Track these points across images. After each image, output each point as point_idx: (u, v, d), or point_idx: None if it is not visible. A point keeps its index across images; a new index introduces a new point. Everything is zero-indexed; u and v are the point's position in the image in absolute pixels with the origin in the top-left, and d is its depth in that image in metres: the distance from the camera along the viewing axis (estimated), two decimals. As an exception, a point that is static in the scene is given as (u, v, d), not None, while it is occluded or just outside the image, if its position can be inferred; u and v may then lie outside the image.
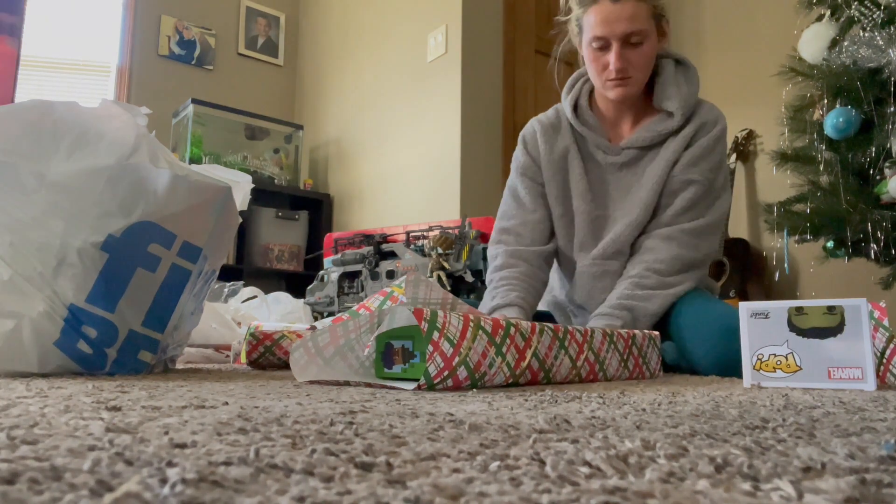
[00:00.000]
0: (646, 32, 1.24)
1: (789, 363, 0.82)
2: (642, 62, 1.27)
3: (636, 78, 1.28)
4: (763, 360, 0.83)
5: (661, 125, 1.32)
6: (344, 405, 0.53)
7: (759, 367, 0.83)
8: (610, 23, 1.23)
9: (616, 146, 1.35)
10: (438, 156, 2.70)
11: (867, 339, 0.77)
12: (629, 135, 1.36)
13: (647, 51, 1.26)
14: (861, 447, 0.35)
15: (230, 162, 3.17)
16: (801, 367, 0.81)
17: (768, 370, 0.83)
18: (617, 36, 1.23)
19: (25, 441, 0.32)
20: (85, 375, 0.83)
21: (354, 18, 3.36)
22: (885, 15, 1.70)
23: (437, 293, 0.93)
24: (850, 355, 0.78)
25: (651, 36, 1.26)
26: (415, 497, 0.23)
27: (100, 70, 3.30)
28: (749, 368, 0.84)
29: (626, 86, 1.28)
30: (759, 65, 2.67)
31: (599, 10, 1.24)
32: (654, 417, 0.48)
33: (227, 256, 1.54)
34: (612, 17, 1.22)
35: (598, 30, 1.24)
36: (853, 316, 0.78)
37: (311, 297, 2.20)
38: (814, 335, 0.80)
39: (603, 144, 1.36)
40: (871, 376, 0.77)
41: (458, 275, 1.92)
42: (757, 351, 0.84)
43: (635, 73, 1.27)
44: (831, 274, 2.32)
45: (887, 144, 1.67)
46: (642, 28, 1.23)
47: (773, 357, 0.83)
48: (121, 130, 0.88)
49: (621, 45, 1.24)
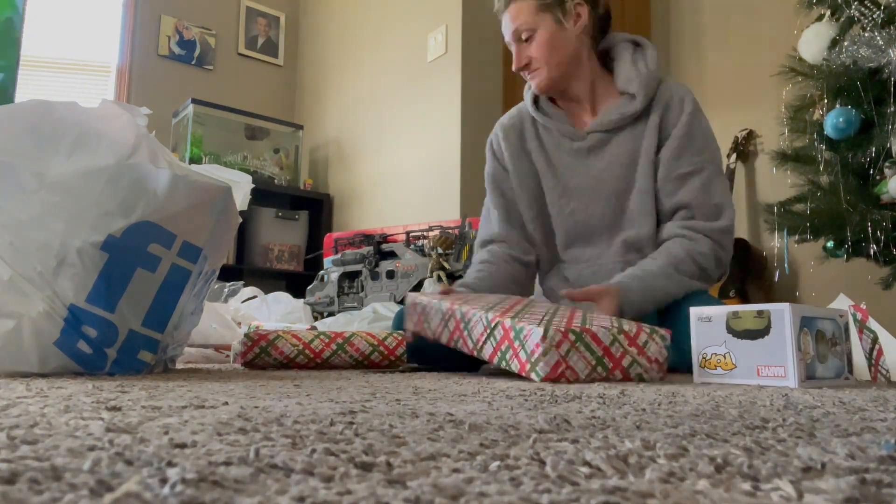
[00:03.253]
0: (532, 25, 1.31)
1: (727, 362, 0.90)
2: (540, 53, 1.32)
3: (545, 68, 1.33)
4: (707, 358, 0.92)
5: (625, 107, 1.33)
6: (344, 405, 0.53)
7: (703, 366, 0.92)
8: (504, 28, 1.35)
9: (581, 131, 1.37)
10: (438, 156, 2.70)
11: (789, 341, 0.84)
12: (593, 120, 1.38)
13: (540, 42, 1.31)
14: (861, 447, 0.35)
15: (230, 162, 3.17)
16: (736, 366, 0.89)
17: (711, 368, 0.92)
18: (510, 38, 1.34)
19: (25, 441, 0.32)
20: (85, 375, 0.83)
21: (354, 18, 3.36)
22: (885, 15, 1.70)
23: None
24: (775, 355, 0.85)
25: (541, 27, 1.31)
26: (415, 497, 0.23)
27: (100, 70, 3.30)
28: (697, 367, 0.93)
29: (538, 77, 1.34)
30: (759, 65, 2.67)
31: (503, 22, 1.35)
32: (654, 417, 0.48)
33: (227, 256, 1.54)
34: (505, 22, 1.34)
35: (504, 36, 1.36)
36: (778, 320, 0.86)
37: (311, 297, 2.20)
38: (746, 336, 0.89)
39: (567, 131, 1.38)
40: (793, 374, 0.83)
41: (458, 275, 1.92)
42: (702, 350, 0.93)
43: (540, 64, 1.32)
44: (831, 274, 2.32)
45: (887, 144, 1.67)
46: (525, 22, 1.31)
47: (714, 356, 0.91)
48: (121, 130, 0.88)
49: (517, 43, 1.33)
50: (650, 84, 1.32)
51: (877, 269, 1.88)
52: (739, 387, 0.84)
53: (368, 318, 1.75)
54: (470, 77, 2.65)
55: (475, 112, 2.66)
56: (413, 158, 2.84)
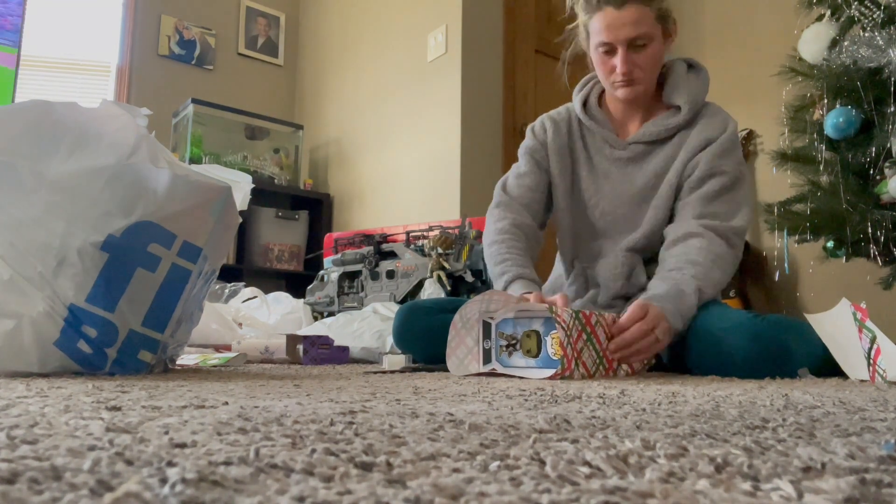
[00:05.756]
0: (650, 35, 1.27)
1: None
2: (648, 64, 1.30)
3: (643, 78, 1.31)
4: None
5: (668, 120, 1.35)
6: (344, 405, 0.53)
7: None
8: (615, 28, 1.26)
9: (623, 141, 1.39)
10: (438, 156, 2.70)
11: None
12: (637, 130, 1.40)
13: (652, 52, 1.29)
14: (861, 447, 0.35)
15: (230, 162, 3.16)
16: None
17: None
18: (621, 41, 1.26)
19: (25, 441, 0.32)
20: (85, 375, 0.83)
21: (354, 18, 3.36)
22: (885, 15, 1.69)
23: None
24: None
25: (656, 38, 1.28)
26: (415, 497, 0.23)
27: (100, 70, 3.30)
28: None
29: (633, 86, 1.31)
30: (759, 65, 2.67)
31: (604, 16, 1.27)
32: (654, 417, 0.48)
33: (227, 256, 1.54)
34: (617, 22, 1.25)
35: (604, 35, 1.27)
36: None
37: (311, 296, 2.20)
38: None
39: (610, 138, 1.40)
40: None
41: (458, 275, 1.92)
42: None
43: (642, 74, 1.30)
44: (831, 274, 2.32)
45: (887, 144, 1.67)
46: (646, 31, 1.26)
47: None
48: (121, 131, 0.88)
49: (626, 48, 1.27)
50: (696, 99, 1.34)
51: (877, 269, 1.88)
52: (738, 386, 0.84)
53: (368, 317, 1.75)
54: (470, 77, 2.65)
55: (475, 112, 2.66)
56: (413, 158, 2.84)
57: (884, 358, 0.99)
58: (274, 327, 1.99)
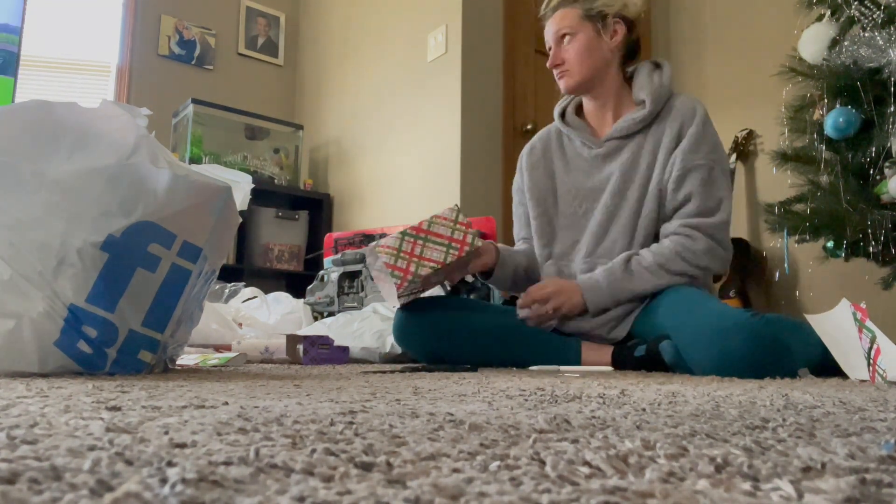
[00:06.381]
0: (574, 29, 1.42)
1: None
2: (574, 55, 1.43)
3: (574, 70, 1.44)
4: None
5: (635, 114, 1.44)
6: (344, 405, 0.53)
7: None
8: (547, 31, 1.48)
9: (599, 139, 1.49)
10: (438, 156, 2.70)
11: None
12: None
13: (577, 45, 1.43)
14: (861, 447, 0.35)
15: (230, 162, 3.16)
16: None
17: None
18: (551, 38, 1.46)
19: (25, 441, 0.32)
20: (85, 375, 0.83)
21: (354, 18, 3.36)
22: (885, 15, 1.69)
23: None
24: None
25: (581, 33, 1.42)
26: (415, 497, 0.23)
27: (100, 70, 3.30)
28: None
29: (567, 77, 1.45)
30: (759, 65, 2.66)
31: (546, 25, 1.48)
32: (654, 417, 0.48)
33: (227, 256, 1.53)
34: (549, 25, 1.47)
35: (545, 39, 1.48)
36: None
37: (311, 296, 2.20)
38: None
39: (587, 139, 1.50)
40: None
41: (458, 275, 1.92)
42: None
43: (572, 65, 1.43)
44: (831, 274, 2.32)
45: (887, 144, 1.67)
46: (568, 25, 1.42)
47: None
48: (121, 131, 0.88)
49: (556, 44, 1.45)
50: (660, 93, 1.43)
51: (876, 269, 1.88)
52: (738, 386, 0.84)
53: (368, 317, 1.75)
54: (470, 77, 2.65)
55: (475, 112, 2.65)
56: (413, 158, 2.84)
57: (884, 358, 0.99)
58: (274, 327, 1.99)
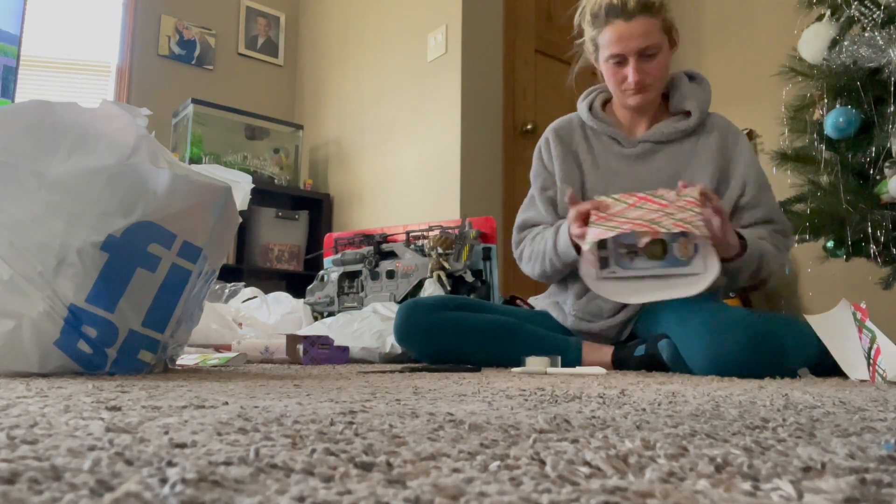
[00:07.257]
0: (659, 45, 1.35)
1: None
2: (657, 72, 1.37)
3: (654, 86, 1.39)
4: None
5: (679, 123, 1.43)
6: (344, 405, 0.53)
7: None
8: (625, 40, 1.33)
9: (632, 139, 1.46)
10: (438, 156, 2.70)
11: None
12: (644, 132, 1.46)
13: (661, 61, 1.37)
14: (861, 447, 0.35)
15: (230, 162, 3.16)
16: None
17: None
18: (632, 51, 1.34)
19: (25, 441, 0.32)
20: (85, 375, 0.83)
21: (354, 18, 3.36)
22: (885, 15, 1.69)
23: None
24: None
25: (664, 47, 1.37)
26: (415, 497, 0.23)
27: (100, 70, 3.30)
28: None
29: (645, 93, 1.39)
30: (759, 65, 2.66)
31: (614, 29, 1.34)
32: (654, 417, 0.48)
33: (227, 256, 1.53)
34: (627, 34, 1.33)
35: (615, 47, 1.35)
36: None
37: (311, 296, 2.20)
38: None
39: (619, 136, 1.46)
40: None
41: (458, 275, 1.92)
42: None
43: (652, 81, 1.38)
44: (831, 274, 2.31)
45: (887, 144, 1.67)
46: (656, 41, 1.34)
47: None
48: (121, 131, 0.88)
49: (637, 58, 1.34)
50: (703, 106, 1.43)
51: (877, 269, 1.88)
52: (738, 386, 0.84)
53: (368, 317, 1.75)
54: (470, 77, 2.65)
55: (475, 112, 2.65)
56: (413, 158, 2.84)
57: (884, 358, 0.99)
58: (274, 327, 1.99)
